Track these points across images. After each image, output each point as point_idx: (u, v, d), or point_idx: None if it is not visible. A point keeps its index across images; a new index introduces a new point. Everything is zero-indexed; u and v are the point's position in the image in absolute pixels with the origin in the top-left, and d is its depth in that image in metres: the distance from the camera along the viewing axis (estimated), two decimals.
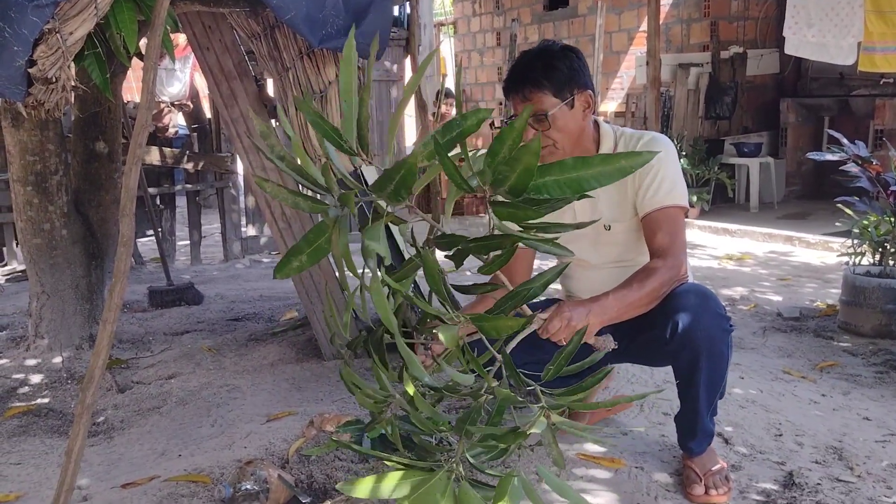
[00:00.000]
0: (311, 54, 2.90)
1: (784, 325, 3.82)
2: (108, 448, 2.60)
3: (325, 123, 1.32)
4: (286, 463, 2.24)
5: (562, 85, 1.99)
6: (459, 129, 1.32)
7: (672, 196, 2.02)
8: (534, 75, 1.99)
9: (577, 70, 2.02)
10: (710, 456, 2.10)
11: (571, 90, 2.00)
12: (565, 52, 2.03)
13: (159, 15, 1.87)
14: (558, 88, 1.98)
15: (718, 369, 2.00)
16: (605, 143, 2.11)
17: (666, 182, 2.02)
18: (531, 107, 1.91)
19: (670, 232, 2.00)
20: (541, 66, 1.99)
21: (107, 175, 3.67)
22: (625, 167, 1.31)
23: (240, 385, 3.01)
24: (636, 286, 1.90)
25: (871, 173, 3.67)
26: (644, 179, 2.03)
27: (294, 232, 3.20)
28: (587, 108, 2.05)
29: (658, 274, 1.92)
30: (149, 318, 4.24)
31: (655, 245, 2.00)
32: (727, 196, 7.39)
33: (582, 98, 2.02)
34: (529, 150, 1.22)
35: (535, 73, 1.99)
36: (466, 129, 1.31)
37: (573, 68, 2.01)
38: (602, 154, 1.29)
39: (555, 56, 2.01)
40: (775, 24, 7.94)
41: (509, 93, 2.04)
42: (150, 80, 1.89)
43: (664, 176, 2.02)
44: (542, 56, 2.02)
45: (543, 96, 1.98)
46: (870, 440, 2.42)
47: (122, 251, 1.78)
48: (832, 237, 5.71)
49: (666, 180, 2.02)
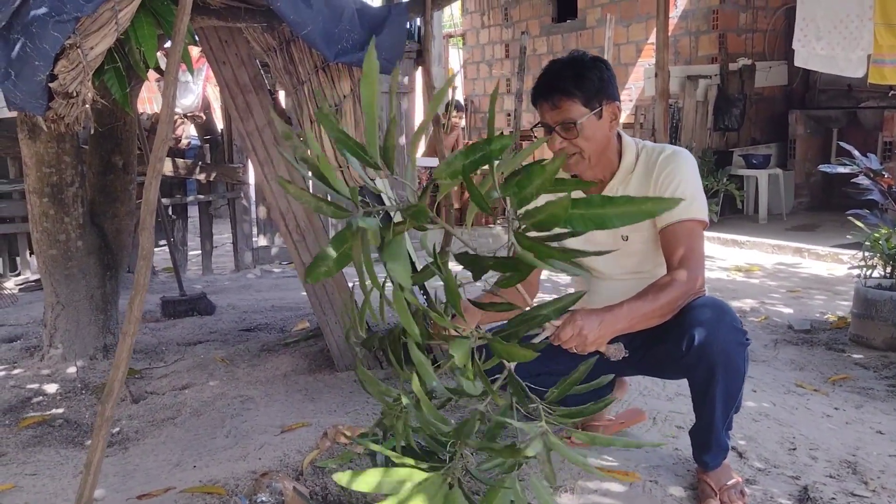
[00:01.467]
0: (326, 68, 2.94)
1: (795, 337, 3.82)
2: (123, 459, 2.61)
3: (347, 139, 1.33)
4: (301, 475, 2.24)
5: (591, 95, 2.00)
6: (483, 152, 1.32)
7: (691, 210, 2.02)
8: (564, 84, 2.00)
9: (607, 81, 2.03)
10: (726, 470, 2.10)
11: (600, 101, 2.01)
12: (595, 63, 2.04)
13: (180, 31, 1.89)
14: (588, 98, 1.99)
15: (735, 383, 2.00)
16: (627, 156, 2.12)
17: (685, 195, 2.01)
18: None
19: (688, 245, 2.00)
20: (571, 76, 2.00)
21: (122, 187, 3.70)
22: (650, 210, 1.28)
23: (253, 396, 3.02)
24: (651, 298, 1.91)
25: (882, 186, 3.68)
26: (664, 192, 2.04)
27: (308, 244, 3.22)
28: (614, 120, 2.07)
29: (674, 287, 1.93)
30: (162, 328, 4.26)
31: (673, 258, 2.01)
32: (736, 207, 7.40)
33: (610, 109, 2.04)
34: (561, 205, 1.21)
35: (566, 83, 1.99)
36: (491, 154, 1.31)
37: (603, 79, 2.02)
38: (628, 196, 1.28)
39: (585, 66, 2.02)
40: (783, 37, 7.96)
41: (538, 100, 2.05)
42: (170, 94, 1.91)
43: (684, 189, 2.03)
44: (573, 65, 2.03)
45: (573, 105, 1.99)
46: (884, 454, 2.42)
47: (141, 264, 1.80)
48: (841, 249, 5.70)
49: (685, 194, 2.02)
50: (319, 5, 2.59)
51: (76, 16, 2.13)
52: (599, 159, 2.06)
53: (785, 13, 7.89)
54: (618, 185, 2.12)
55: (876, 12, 5.71)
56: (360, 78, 3.03)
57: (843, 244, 5.63)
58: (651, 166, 2.09)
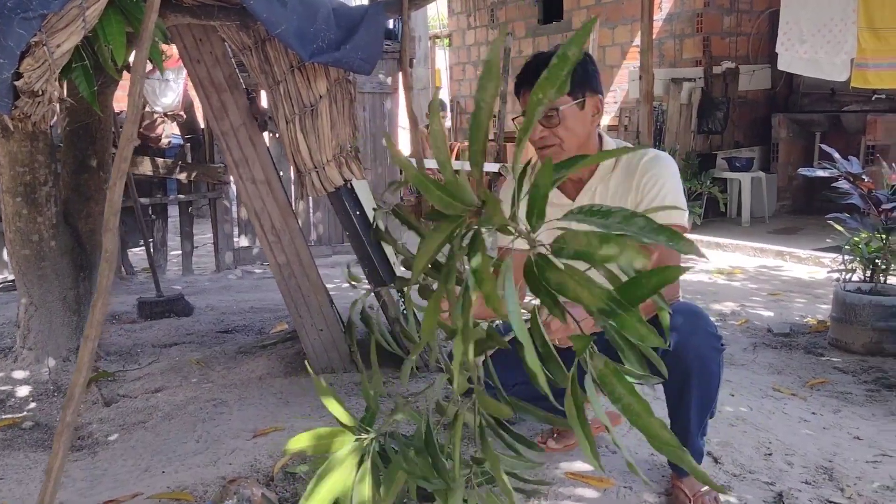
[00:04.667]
0: (302, 68, 2.90)
1: (774, 341, 3.81)
2: (91, 463, 2.57)
3: (432, 184, 1.17)
4: (271, 480, 2.21)
5: (575, 84, 1.97)
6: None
7: (673, 216, 2.00)
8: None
9: (591, 74, 2.02)
10: None
11: (584, 92, 1.99)
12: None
13: (147, 28, 1.85)
14: (571, 87, 1.97)
15: (709, 389, 1.98)
16: None
17: (667, 200, 2.00)
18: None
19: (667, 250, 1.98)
20: None
21: (96, 186, 3.64)
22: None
23: (227, 399, 2.98)
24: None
25: (862, 190, 3.67)
26: (645, 197, 2.02)
27: (284, 245, 3.19)
28: (596, 114, 2.04)
29: None
30: (137, 329, 4.21)
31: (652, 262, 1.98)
32: (719, 210, 7.41)
33: (592, 102, 2.02)
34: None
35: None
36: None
37: (587, 71, 2.01)
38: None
39: None
40: (767, 40, 7.97)
41: (521, 87, 2.03)
42: (136, 93, 1.87)
43: (665, 194, 2.01)
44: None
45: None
46: (860, 460, 2.41)
47: (104, 266, 1.76)
48: (822, 252, 5.71)
49: (667, 198, 2.01)
50: (294, 4, 2.56)
51: (42, 13, 2.08)
52: (578, 153, 2.04)
53: (769, 16, 7.91)
54: (597, 184, 2.10)
55: (859, 16, 5.73)
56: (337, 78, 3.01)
57: (824, 248, 5.65)
58: (633, 168, 2.07)
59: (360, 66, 2.84)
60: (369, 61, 2.90)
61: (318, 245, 6.67)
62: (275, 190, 3.17)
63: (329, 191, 3.09)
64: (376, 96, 6.73)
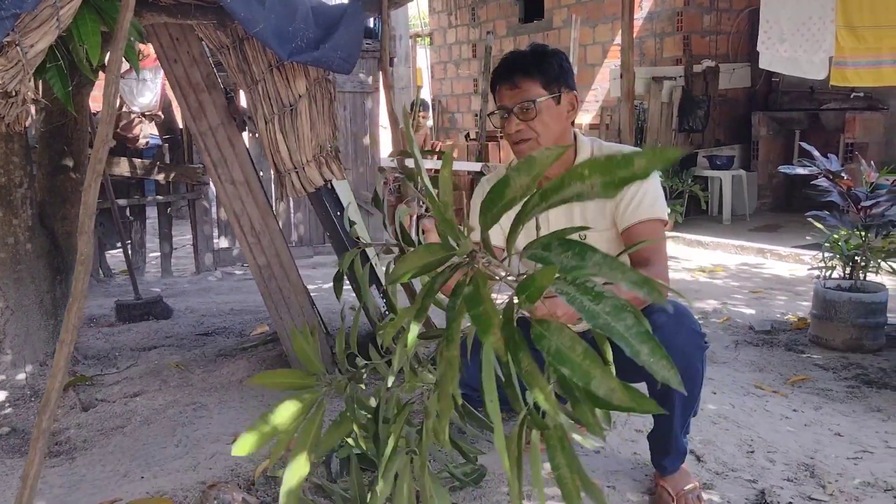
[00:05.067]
0: (281, 67, 2.87)
1: (756, 338, 3.83)
2: (69, 469, 2.53)
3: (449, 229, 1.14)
4: (252, 485, 2.19)
5: (551, 79, 2.00)
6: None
7: (654, 210, 2.02)
8: (525, 64, 2.00)
9: (567, 70, 2.04)
10: (683, 475, 2.09)
11: (559, 87, 2.01)
12: (555, 52, 2.06)
13: (122, 27, 1.82)
14: (547, 81, 1.99)
15: (693, 388, 1.98)
16: (582, 153, 2.11)
17: (648, 196, 2.02)
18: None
19: (653, 245, 1.99)
20: (532, 58, 2.01)
21: (73, 188, 3.59)
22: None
23: (207, 403, 2.95)
24: (622, 290, 1.86)
25: (841, 188, 3.69)
26: (626, 193, 2.02)
27: (263, 246, 3.16)
28: (571, 110, 2.06)
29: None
30: (115, 332, 4.16)
31: (640, 257, 1.99)
32: (700, 208, 7.45)
33: (568, 98, 2.03)
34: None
35: (527, 63, 2.00)
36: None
37: (563, 67, 2.03)
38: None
39: (546, 52, 2.04)
40: (747, 39, 8.02)
41: (497, 82, 2.04)
42: (111, 93, 1.84)
43: (647, 190, 2.02)
44: (534, 50, 2.05)
45: (533, 86, 1.98)
46: (842, 457, 2.42)
47: (79, 270, 1.73)
48: (803, 250, 5.76)
49: (648, 194, 2.02)
50: (272, 3, 2.53)
51: (15, 12, 2.04)
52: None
53: (748, 15, 7.96)
54: None
55: (838, 15, 5.77)
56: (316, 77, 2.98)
57: (805, 245, 5.69)
58: None
59: (340, 66, 2.82)
60: (349, 60, 2.88)
61: (298, 246, 6.63)
62: (254, 191, 3.14)
63: (309, 191, 3.07)
64: (357, 95, 6.70)
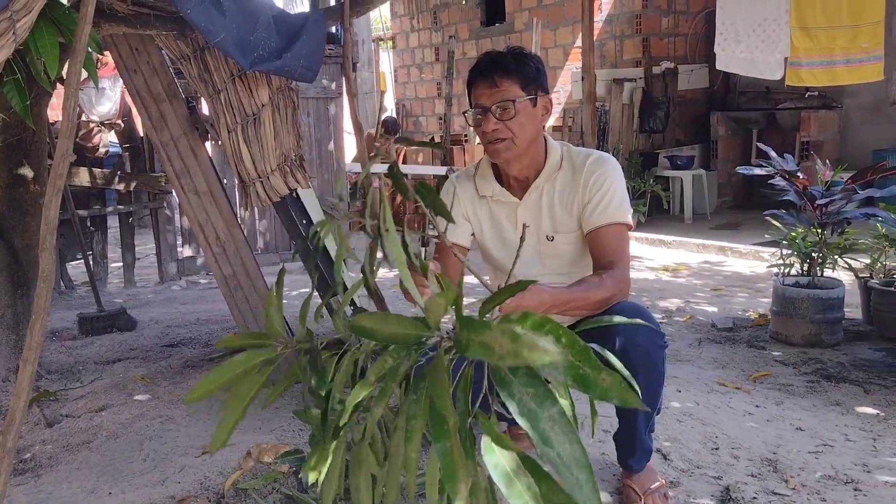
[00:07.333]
0: (243, 76, 2.86)
1: (718, 336, 3.90)
2: (35, 487, 2.49)
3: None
4: (222, 498, 2.18)
5: (529, 80, 2.02)
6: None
7: (619, 213, 2.06)
8: (505, 63, 2.02)
9: (542, 73, 2.07)
10: (649, 474, 2.12)
11: (536, 89, 2.03)
12: (532, 55, 2.09)
13: (80, 40, 1.80)
14: (526, 82, 2.02)
15: (655, 386, 2.01)
16: (552, 155, 2.13)
17: (615, 199, 2.05)
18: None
19: (617, 248, 2.03)
20: (511, 58, 2.03)
21: (32, 200, 3.53)
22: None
23: (174, 416, 2.92)
24: (587, 288, 1.88)
25: (798, 187, 3.78)
26: (593, 196, 2.05)
27: (229, 255, 3.14)
28: (545, 114, 2.09)
29: (607, 285, 1.92)
30: (79, 346, 4.10)
31: (603, 259, 2.02)
32: (662, 208, 7.55)
33: (543, 101, 2.06)
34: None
35: (507, 62, 2.02)
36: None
37: (539, 70, 2.06)
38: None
39: (523, 54, 2.06)
40: (704, 41, 8.17)
41: (476, 81, 2.04)
42: (70, 106, 1.82)
43: (613, 193, 2.05)
44: (512, 51, 2.07)
45: (512, 86, 2.00)
46: (803, 451, 2.47)
47: (41, 287, 1.70)
48: (763, 247, 5.87)
49: (615, 198, 2.05)
50: (233, 13, 2.52)
51: None
52: (528, 150, 2.06)
53: (705, 17, 8.10)
54: (543, 183, 2.12)
55: (792, 16, 5.90)
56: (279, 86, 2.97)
57: (764, 242, 5.80)
58: (578, 168, 2.10)
59: (303, 74, 2.82)
60: (311, 69, 2.87)
61: (265, 253, 6.59)
62: (218, 201, 3.12)
63: (274, 200, 3.06)
64: (320, 101, 6.68)
